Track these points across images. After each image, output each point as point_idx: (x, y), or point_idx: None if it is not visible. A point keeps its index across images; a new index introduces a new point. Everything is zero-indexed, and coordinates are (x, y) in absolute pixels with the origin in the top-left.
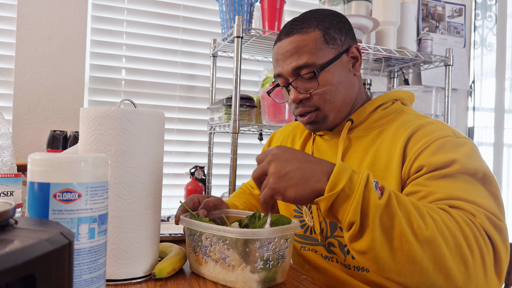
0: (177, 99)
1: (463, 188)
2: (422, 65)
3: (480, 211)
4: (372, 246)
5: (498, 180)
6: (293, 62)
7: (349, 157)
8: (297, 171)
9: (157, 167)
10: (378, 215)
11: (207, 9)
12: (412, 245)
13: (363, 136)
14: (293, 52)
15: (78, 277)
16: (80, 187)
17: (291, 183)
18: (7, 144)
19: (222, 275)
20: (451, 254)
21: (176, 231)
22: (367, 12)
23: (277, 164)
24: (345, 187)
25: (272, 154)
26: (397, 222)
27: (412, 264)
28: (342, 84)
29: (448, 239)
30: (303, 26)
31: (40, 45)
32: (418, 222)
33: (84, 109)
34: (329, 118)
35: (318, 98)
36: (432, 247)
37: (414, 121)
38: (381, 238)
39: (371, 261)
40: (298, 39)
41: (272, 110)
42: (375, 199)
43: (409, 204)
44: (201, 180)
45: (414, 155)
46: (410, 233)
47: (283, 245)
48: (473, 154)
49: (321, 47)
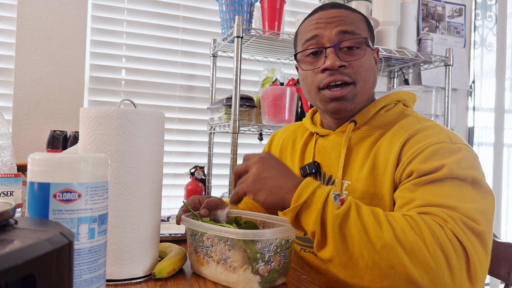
0: (177, 99)
1: (448, 193)
2: (422, 65)
3: (455, 216)
4: (335, 254)
5: (498, 180)
6: (340, 26)
7: (352, 160)
8: (273, 179)
9: (157, 167)
10: (337, 224)
11: (207, 9)
12: (370, 252)
13: (365, 137)
14: (340, 19)
15: (78, 277)
16: (80, 187)
17: (265, 187)
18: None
19: (223, 276)
20: (410, 260)
21: (176, 231)
22: (367, 12)
23: (260, 167)
24: (308, 199)
25: (260, 157)
26: (355, 230)
27: (373, 270)
28: (373, 71)
29: (406, 245)
30: (349, 7)
31: (40, 45)
32: (376, 230)
33: (84, 109)
34: (357, 99)
35: (356, 70)
36: (390, 254)
37: (413, 125)
38: (342, 246)
39: (337, 267)
40: (346, 12)
41: (272, 110)
42: (333, 210)
43: (368, 214)
44: (201, 180)
45: (407, 160)
46: (367, 241)
47: (285, 246)
48: (465, 160)
49: (364, 28)
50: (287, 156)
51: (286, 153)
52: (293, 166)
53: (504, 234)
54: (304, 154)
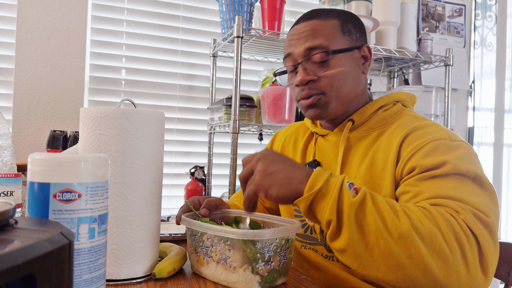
0: (177, 99)
1: (453, 187)
2: (422, 65)
3: (466, 208)
4: (349, 244)
5: (498, 180)
6: (308, 42)
7: (350, 158)
8: (282, 171)
9: (157, 167)
10: (353, 212)
11: (207, 9)
12: (387, 241)
13: (364, 137)
14: (308, 34)
15: (78, 277)
16: (80, 187)
17: (275, 181)
18: (7, 144)
19: (223, 276)
20: (428, 250)
21: (176, 231)
22: (367, 12)
23: (264, 163)
24: (322, 188)
25: (261, 154)
26: (371, 219)
27: (389, 260)
28: (350, 75)
29: (424, 235)
30: (323, 13)
31: (40, 45)
32: (393, 219)
33: (84, 109)
34: (331, 105)
35: (326, 82)
36: (407, 243)
37: (411, 122)
38: (358, 235)
39: (351, 258)
40: (316, 23)
41: (272, 110)
42: (349, 198)
43: (384, 203)
44: (201, 180)
45: (407, 156)
46: (384, 230)
47: (285, 246)
48: (466, 157)
49: (337, 35)
50: (288, 155)
51: (288, 151)
52: None
53: (504, 234)
54: (306, 153)
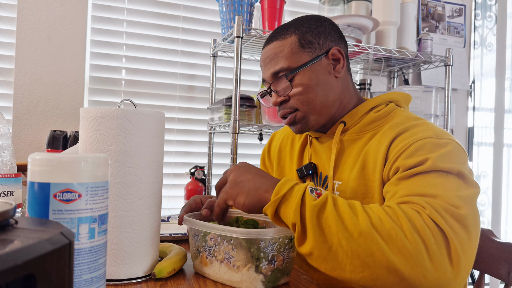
0: (177, 99)
1: (432, 183)
2: (422, 65)
3: (434, 203)
4: (315, 246)
5: (498, 180)
6: (271, 68)
7: (343, 161)
8: (250, 181)
9: (157, 167)
10: (314, 215)
11: (207, 9)
12: (348, 241)
13: (357, 139)
14: (271, 58)
15: (78, 277)
16: (80, 187)
17: (243, 190)
18: (7, 144)
19: (227, 275)
20: (389, 247)
21: (176, 231)
22: (367, 12)
23: (236, 173)
24: (287, 193)
25: (235, 165)
26: (332, 220)
27: (353, 259)
28: (320, 86)
29: (383, 232)
30: (282, 32)
31: (40, 45)
32: (352, 218)
33: (84, 109)
34: (310, 119)
35: (295, 99)
36: (368, 241)
37: (402, 123)
38: (321, 237)
39: (318, 261)
40: (276, 45)
41: (272, 110)
42: (310, 201)
43: (344, 204)
44: (201, 180)
45: (394, 157)
46: (345, 230)
47: (288, 246)
48: (451, 155)
49: (296, 51)
50: (285, 156)
51: (285, 152)
52: (292, 167)
53: (504, 234)
54: (302, 155)
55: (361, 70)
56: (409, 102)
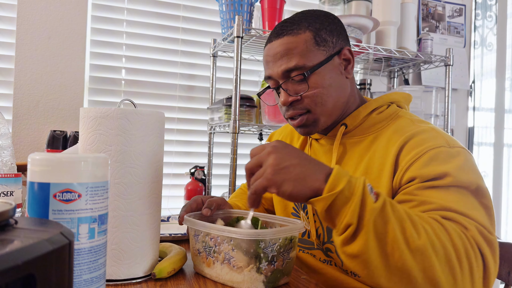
0: (177, 99)
1: (455, 199)
2: (422, 65)
3: (472, 223)
4: (364, 250)
5: (498, 180)
6: (283, 65)
7: (344, 164)
8: (297, 166)
9: (157, 167)
10: (372, 218)
11: (207, 9)
12: (403, 253)
13: (358, 142)
14: (283, 54)
15: (78, 277)
16: (80, 187)
17: (290, 177)
18: (7, 144)
19: (228, 276)
20: (440, 265)
21: (176, 231)
22: (367, 12)
23: (277, 157)
24: (344, 189)
25: (272, 146)
26: (390, 227)
27: (402, 272)
28: (333, 86)
29: (439, 250)
30: (294, 27)
31: (40, 45)
32: (411, 231)
33: (84, 109)
34: (320, 121)
35: (309, 100)
36: (423, 257)
37: (408, 127)
38: (374, 242)
39: (361, 265)
40: (288, 40)
41: (272, 110)
42: (371, 203)
43: (403, 212)
44: (201, 180)
45: (406, 165)
46: (402, 241)
47: (288, 246)
48: (466, 166)
49: (311, 49)
50: None
51: None
52: None
53: (504, 234)
54: None
55: (361, 70)
56: (410, 102)
